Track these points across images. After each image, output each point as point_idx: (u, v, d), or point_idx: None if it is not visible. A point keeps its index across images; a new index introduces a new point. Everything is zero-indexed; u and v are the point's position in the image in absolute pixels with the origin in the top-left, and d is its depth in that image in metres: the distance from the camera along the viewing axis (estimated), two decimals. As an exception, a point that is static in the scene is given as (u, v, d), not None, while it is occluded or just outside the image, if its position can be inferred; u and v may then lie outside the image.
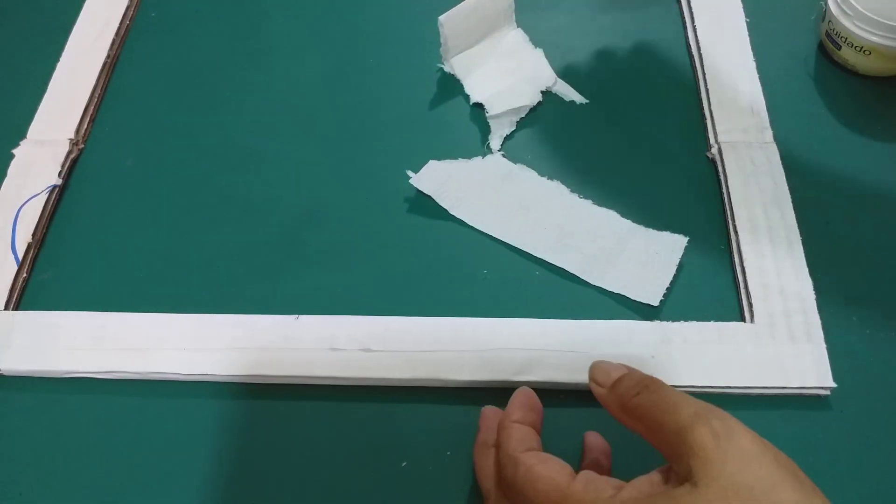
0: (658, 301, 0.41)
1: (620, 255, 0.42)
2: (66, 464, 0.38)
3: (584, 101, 0.49)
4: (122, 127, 0.50)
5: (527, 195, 0.45)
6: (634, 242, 0.43)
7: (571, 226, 0.44)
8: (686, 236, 0.43)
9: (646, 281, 0.41)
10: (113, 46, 0.53)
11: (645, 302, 0.41)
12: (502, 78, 0.50)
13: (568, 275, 0.42)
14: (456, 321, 0.40)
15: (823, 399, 0.38)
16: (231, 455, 0.38)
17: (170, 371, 0.39)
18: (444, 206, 0.45)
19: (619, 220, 0.44)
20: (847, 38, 0.48)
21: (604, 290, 0.42)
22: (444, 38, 0.49)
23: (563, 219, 0.44)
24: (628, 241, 0.43)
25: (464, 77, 0.50)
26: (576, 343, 0.39)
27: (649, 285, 0.41)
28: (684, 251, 0.42)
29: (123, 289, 0.43)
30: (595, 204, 0.45)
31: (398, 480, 0.37)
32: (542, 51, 0.51)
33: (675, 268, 0.42)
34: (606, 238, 0.43)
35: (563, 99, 0.50)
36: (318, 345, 0.39)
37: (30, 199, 0.45)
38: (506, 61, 0.51)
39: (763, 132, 0.46)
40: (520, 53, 0.51)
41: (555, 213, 0.44)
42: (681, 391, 0.30)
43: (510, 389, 0.38)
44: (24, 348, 0.40)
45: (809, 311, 0.39)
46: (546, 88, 0.50)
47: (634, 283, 0.41)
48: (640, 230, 0.43)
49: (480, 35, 0.51)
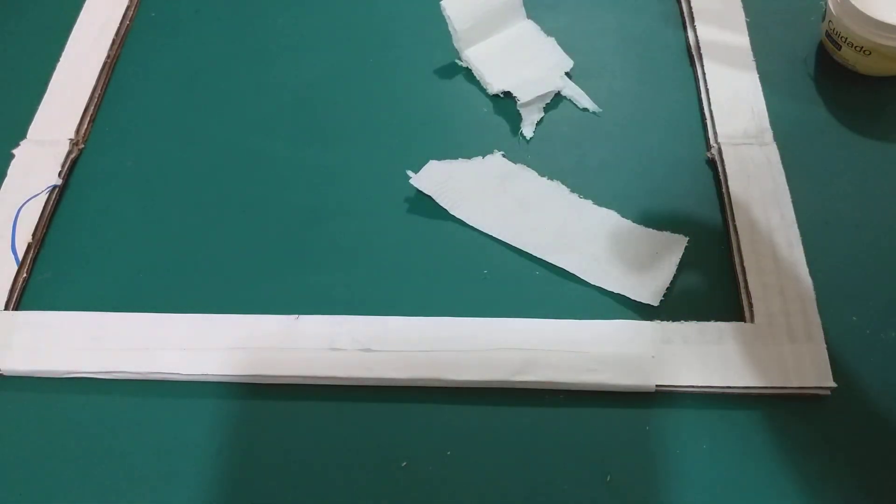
0: (658, 301, 0.41)
1: (620, 255, 0.42)
2: (66, 464, 0.38)
3: (598, 109, 0.49)
4: (122, 127, 0.50)
5: (527, 195, 0.45)
6: (634, 243, 0.43)
7: (571, 226, 0.44)
8: (686, 236, 0.43)
9: (646, 281, 0.41)
10: (113, 46, 0.53)
11: (645, 302, 0.41)
12: (523, 67, 0.50)
13: (568, 275, 0.42)
14: (456, 321, 0.40)
15: (823, 398, 0.38)
16: (231, 454, 0.38)
17: (169, 371, 0.39)
18: (444, 206, 0.45)
19: (620, 219, 0.44)
20: (847, 37, 0.48)
21: (604, 290, 0.42)
22: (451, 24, 0.49)
23: (563, 219, 0.44)
24: (628, 241, 0.43)
25: (481, 69, 0.50)
26: (576, 343, 0.39)
27: (649, 286, 0.41)
28: (684, 251, 0.42)
29: (123, 289, 0.43)
30: (595, 204, 0.45)
31: (398, 480, 0.37)
32: (553, 39, 0.52)
33: (675, 268, 0.42)
34: (606, 238, 0.43)
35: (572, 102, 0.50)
36: (318, 345, 0.39)
37: (30, 200, 0.45)
38: (522, 52, 0.51)
39: (763, 133, 0.46)
40: (534, 43, 0.52)
41: (555, 213, 0.44)
42: None
43: (510, 389, 0.38)
44: (25, 349, 0.40)
45: (809, 310, 0.39)
46: (566, 73, 0.50)
47: (634, 283, 0.41)
48: (640, 230, 0.43)
49: (493, 28, 0.51)
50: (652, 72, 0.51)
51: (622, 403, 0.38)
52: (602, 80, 0.51)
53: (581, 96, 0.50)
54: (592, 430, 0.37)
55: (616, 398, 0.38)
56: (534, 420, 0.38)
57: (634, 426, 0.38)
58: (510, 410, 0.38)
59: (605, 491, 0.36)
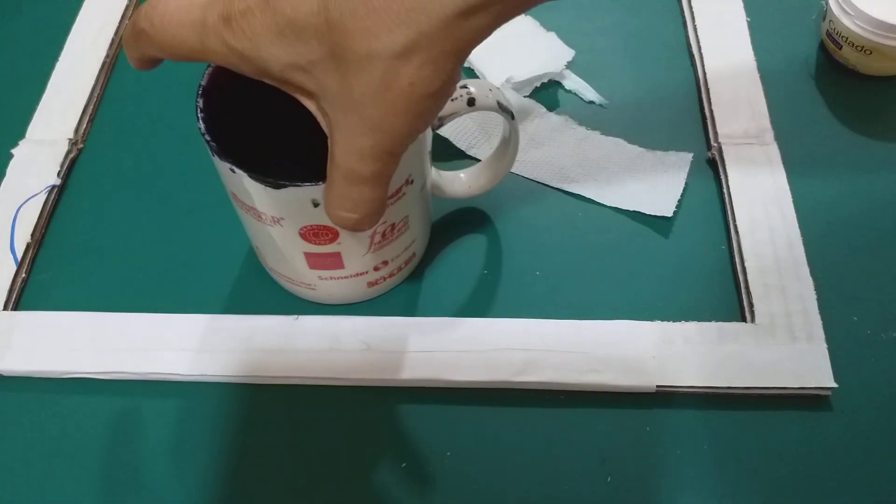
0: (672, 212, 0.43)
1: (631, 175, 0.45)
2: (66, 465, 0.37)
3: (604, 101, 0.49)
4: (121, 127, 0.50)
5: (538, 131, 0.48)
6: (643, 163, 0.46)
7: (583, 155, 0.46)
8: (691, 152, 0.46)
9: (658, 195, 0.44)
10: (112, 45, 0.53)
11: (660, 215, 0.43)
12: (523, 61, 0.50)
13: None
14: (456, 321, 0.40)
15: (824, 399, 0.38)
16: (231, 456, 0.37)
17: (169, 372, 0.39)
18: (461, 147, 0.47)
19: (627, 145, 0.47)
20: (848, 37, 0.48)
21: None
22: None
23: (574, 150, 0.47)
24: (637, 163, 0.46)
25: (481, 67, 0.50)
26: (576, 343, 0.39)
27: (661, 199, 0.44)
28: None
29: (123, 289, 0.43)
30: (603, 135, 0.47)
31: (398, 481, 0.37)
32: (554, 33, 0.52)
33: (684, 182, 0.45)
34: (617, 163, 0.46)
35: (577, 95, 0.50)
36: (318, 345, 0.39)
37: (29, 199, 0.45)
38: (521, 47, 0.51)
39: (764, 133, 0.46)
40: (534, 38, 0.52)
41: (566, 146, 0.47)
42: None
43: (511, 390, 0.38)
44: (24, 349, 0.40)
45: (810, 310, 0.39)
46: (568, 63, 0.50)
47: (647, 198, 0.44)
48: (647, 153, 0.46)
49: None
50: (652, 71, 0.51)
51: (622, 404, 0.38)
52: (601, 80, 0.50)
53: (586, 89, 0.50)
54: (592, 430, 0.37)
55: (616, 398, 0.38)
56: (533, 421, 0.38)
57: (635, 427, 0.37)
58: (509, 411, 0.38)
59: (605, 492, 0.36)
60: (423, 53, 0.23)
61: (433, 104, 0.25)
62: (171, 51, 0.27)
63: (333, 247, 0.35)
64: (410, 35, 0.22)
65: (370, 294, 0.41)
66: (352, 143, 0.25)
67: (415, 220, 0.38)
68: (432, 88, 0.24)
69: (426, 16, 0.22)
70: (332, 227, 0.33)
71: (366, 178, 0.26)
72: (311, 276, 0.38)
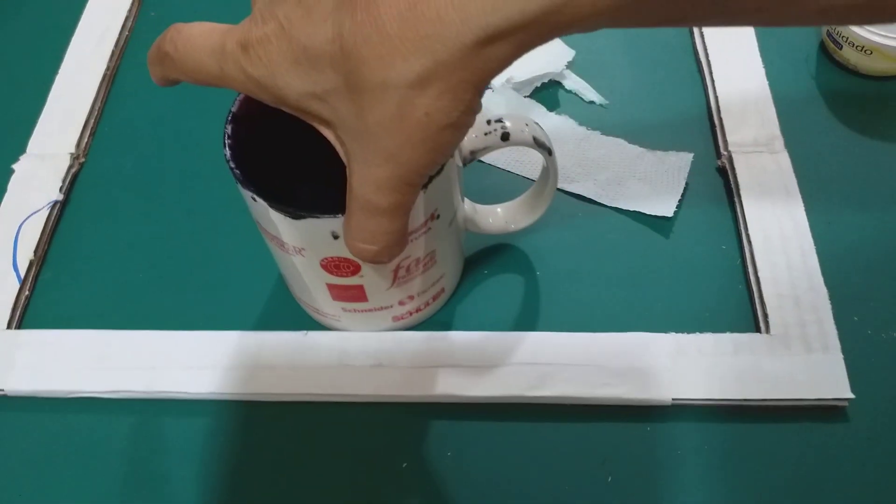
0: (672, 212, 0.43)
1: (632, 176, 0.45)
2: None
3: (604, 101, 0.49)
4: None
5: None
6: (643, 163, 0.46)
7: (583, 155, 0.46)
8: (691, 153, 0.45)
9: (658, 196, 0.44)
10: (112, 58, 0.53)
11: (660, 215, 0.43)
12: (524, 62, 0.50)
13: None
14: (466, 335, 0.39)
15: (841, 410, 0.37)
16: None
17: (176, 390, 0.39)
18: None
19: (627, 146, 0.47)
20: (848, 37, 0.48)
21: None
22: None
23: (574, 150, 0.46)
24: (638, 163, 0.46)
25: None
26: (590, 356, 0.38)
27: (662, 200, 0.44)
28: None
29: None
30: (603, 135, 0.47)
31: (398, 482, 0.36)
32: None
33: (685, 182, 0.44)
34: (617, 163, 0.46)
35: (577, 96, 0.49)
36: (327, 361, 0.39)
37: (31, 216, 0.45)
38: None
39: (773, 140, 0.46)
40: None
41: (566, 146, 0.47)
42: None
43: (524, 405, 0.38)
44: (28, 368, 0.39)
45: (825, 320, 0.39)
46: (568, 63, 0.50)
47: (648, 199, 0.44)
48: (647, 153, 0.46)
49: None
50: (652, 71, 0.51)
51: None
52: (606, 87, 0.50)
53: (586, 89, 0.50)
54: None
55: (631, 412, 0.38)
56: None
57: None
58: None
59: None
60: (440, 83, 0.22)
61: (451, 136, 0.24)
62: (192, 75, 0.27)
63: (356, 279, 0.34)
64: (426, 64, 0.22)
65: (395, 328, 0.40)
66: (368, 173, 0.25)
67: (444, 256, 0.37)
68: (449, 119, 0.23)
69: (442, 44, 0.21)
70: (354, 260, 0.33)
71: (383, 210, 0.26)
72: (335, 308, 0.38)
